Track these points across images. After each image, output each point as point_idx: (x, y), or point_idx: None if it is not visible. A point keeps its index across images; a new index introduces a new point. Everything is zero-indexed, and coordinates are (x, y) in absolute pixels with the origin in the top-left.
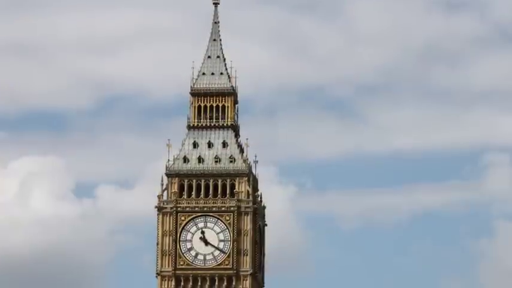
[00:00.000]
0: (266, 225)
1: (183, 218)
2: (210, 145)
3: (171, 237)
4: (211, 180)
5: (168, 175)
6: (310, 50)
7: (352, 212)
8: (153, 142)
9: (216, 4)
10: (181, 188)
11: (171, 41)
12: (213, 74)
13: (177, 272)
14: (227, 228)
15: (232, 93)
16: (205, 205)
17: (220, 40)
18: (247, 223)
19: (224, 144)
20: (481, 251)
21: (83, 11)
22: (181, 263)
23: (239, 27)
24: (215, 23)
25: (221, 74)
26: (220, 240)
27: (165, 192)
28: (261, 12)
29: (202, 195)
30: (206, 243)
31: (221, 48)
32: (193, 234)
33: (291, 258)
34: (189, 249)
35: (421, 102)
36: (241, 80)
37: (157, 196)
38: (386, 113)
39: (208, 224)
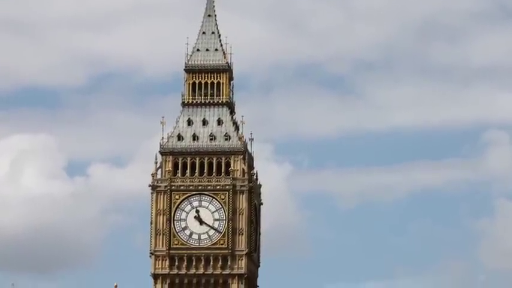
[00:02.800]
0: (262, 204)
1: (177, 197)
2: (204, 122)
3: (165, 216)
4: (206, 158)
5: (162, 153)
6: (308, 26)
7: (349, 191)
8: (147, 120)
9: None
10: (175, 166)
11: (166, 17)
12: (207, 50)
13: (171, 251)
14: (222, 207)
15: (227, 70)
16: (200, 183)
17: (215, 16)
18: (242, 202)
19: (219, 122)
20: (481, 230)
21: None
22: (176, 242)
23: (234, 2)
24: None
25: (216, 50)
26: (215, 219)
27: (159, 170)
28: None
29: (196, 174)
30: (201, 222)
31: (216, 24)
32: (187, 213)
33: (287, 237)
34: (184, 229)
35: (420, 79)
36: (236, 57)
37: (151, 174)
38: (384, 90)
39: (203, 203)
